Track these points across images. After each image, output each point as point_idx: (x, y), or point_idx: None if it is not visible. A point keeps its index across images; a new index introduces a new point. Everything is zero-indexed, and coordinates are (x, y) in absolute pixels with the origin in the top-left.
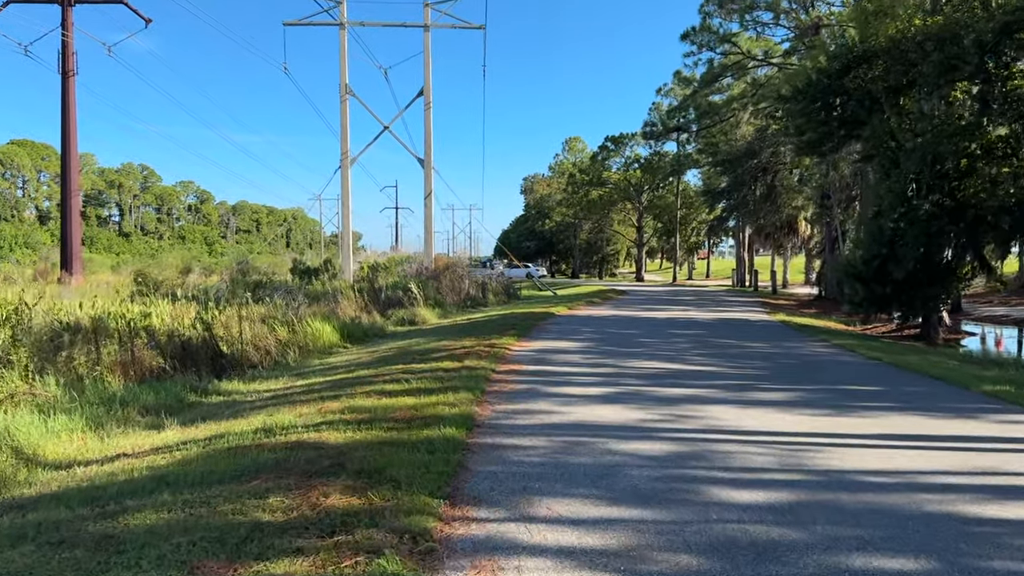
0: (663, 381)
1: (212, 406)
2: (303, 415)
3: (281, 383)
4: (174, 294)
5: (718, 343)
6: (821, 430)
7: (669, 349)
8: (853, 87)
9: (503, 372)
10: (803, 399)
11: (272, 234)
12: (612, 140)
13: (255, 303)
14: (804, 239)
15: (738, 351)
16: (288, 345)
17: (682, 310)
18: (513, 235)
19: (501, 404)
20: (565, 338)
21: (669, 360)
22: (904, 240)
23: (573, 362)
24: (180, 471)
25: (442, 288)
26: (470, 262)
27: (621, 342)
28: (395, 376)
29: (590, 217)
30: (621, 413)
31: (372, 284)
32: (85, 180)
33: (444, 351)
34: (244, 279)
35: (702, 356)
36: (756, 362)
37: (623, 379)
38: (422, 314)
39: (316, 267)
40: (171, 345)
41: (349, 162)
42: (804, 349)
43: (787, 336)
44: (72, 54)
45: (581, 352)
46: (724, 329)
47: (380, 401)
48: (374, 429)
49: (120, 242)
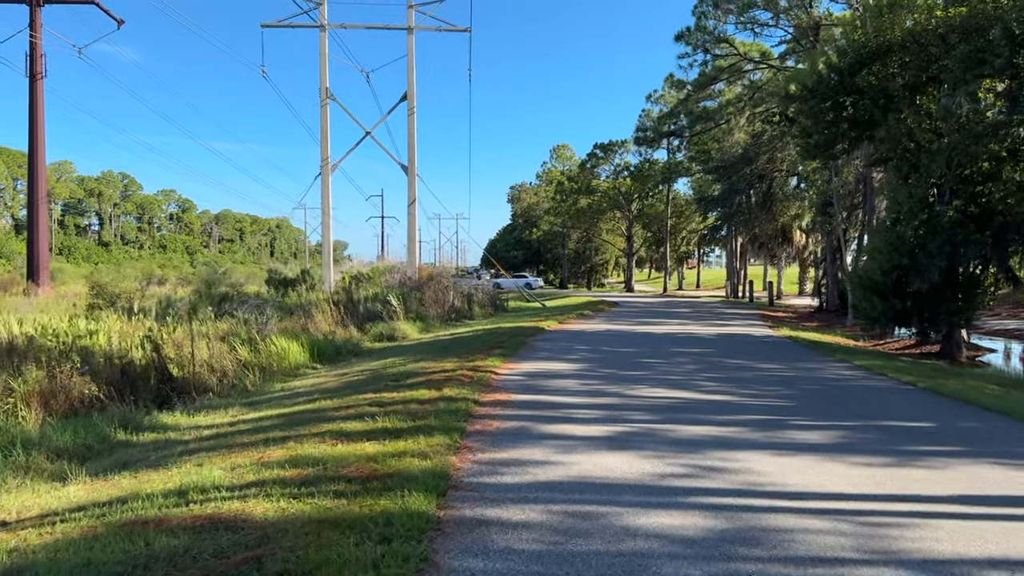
0: (677, 416)
1: (140, 447)
2: (236, 468)
3: (229, 415)
4: (130, 308)
5: (728, 364)
6: (889, 489)
7: (675, 372)
8: (866, 85)
9: (488, 404)
10: (847, 440)
11: (256, 243)
12: (601, 147)
13: (219, 318)
14: (799, 248)
15: (752, 374)
16: (249, 367)
17: (680, 324)
18: (500, 244)
19: (485, 451)
20: (558, 358)
21: (678, 386)
22: (927, 250)
23: (569, 389)
24: (49, 561)
25: (425, 300)
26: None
27: (621, 363)
28: (360, 410)
29: (579, 226)
30: (634, 464)
31: (350, 296)
32: (63, 188)
33: (421, 375)
34: (209, 291)
35: (714, 381)
36: (777, 389)
37: (630, 413)
38: (402, 329)
39: (293, 278)
40: (108, 370)
41: (330, 168)
42: (825, 371)
43: (800, 355)
44: (40, 56)
45: (577, 376)
46: (730, 346)
47: (335, 448)
48: (317, 496)
49: (99, 252)
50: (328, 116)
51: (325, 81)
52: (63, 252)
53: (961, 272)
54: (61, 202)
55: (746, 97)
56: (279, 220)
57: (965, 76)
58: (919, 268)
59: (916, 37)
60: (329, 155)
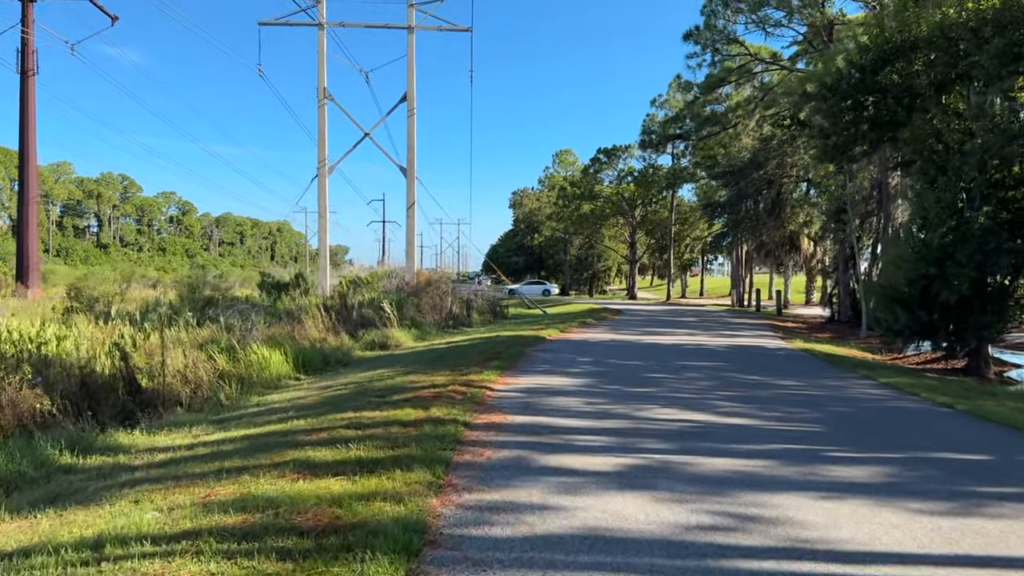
0: (695, 444)
1: (83, 474)
2: (174, 509)
3: (191, 435)
4: (107, 312)
5: (744, 380)
6: (965, 547)
7: (687, 389)
8: (889, 83)
9: (480, 427)
10: (898, 478)
11: (256, 247)
12: (605, 152)
13: (202, 324)
14: (807, 257)
15: (772, 393)
16: (226, 377)
17: (688, 334)
18: (502, 250)
19: (473, 490)
20: (559, 372)
21: (692, 407)
22: (956, 259)
23: (572, 409)
24: None
25: (422, 306)
26: (457, 278)
27: (628, 378)
28: (335, 433)
29: (581, 232)
30: (652, 511)
31: (344, 301)
32: (62, 189)
33: (409, 390)
34: (193, 295)
35: (731, 401)
36: (802, 411)
37: (641, 440)
38: (396, 336)
39: (287, 281)
40: (65, 381)
41: (327, 170)
42: (851, 390)
43: (820, 370)
44: (32, 52)
45: (581, 393)
46: (743, 360)
47: (294, 486)
48: (259, 556)
49: (97, 253)
50: (326, 117)
51: (323, 81)
52: (60, 254)
53: (991, 283)
54: (60, 203)
55: (756, 99)
56: (280, 223)
57: (1000, 72)
58: (947, 278)
59: (945, 32)
60: (327, 156)
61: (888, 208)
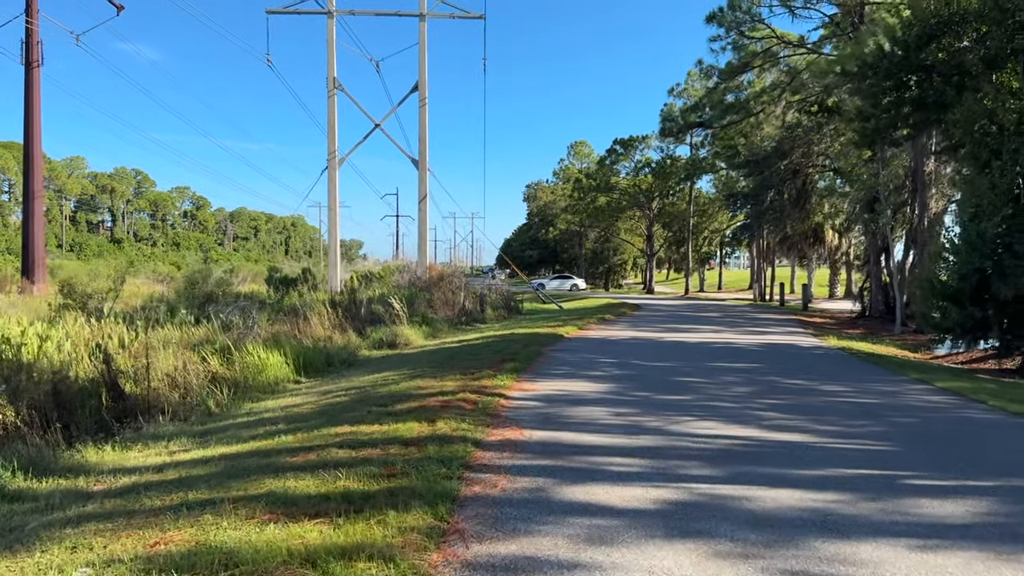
0: (747, 469)
1: (30, 504)
2: (111, 564)
3: (167, 452)
4: (100, 310)
5: (786, 385)
6: None
7: (725, 396)
8: (936, 60)
9: (493, 446)
10: (1004, 518)
11: (271, 241)
12: (621, 143)
13: (199, 322)
14: (831, 249)
15: (822, 400)
16: (219, 381)
17: (714, 331)
18: (516, 244)
19: (483, 540)
20: (581, 375)
21: (735, 419)
22: (1013, 250)
23: (598, 422)
24: None
25: (434, 301)
26: (471, 272)
27: (657, 383)
28: (324, 455)
29: (597, 225)
30: (715, 575)
31: (352, 297)
32: (75, 184)
33: (415, 398)
34: (192, 291)
35: (779, 412)
36: (863, 423)
37: (683, 464)
38: (405, 334)
39: (294, 277)
40: (35, 388)
41: (337, 162)
42: (907, 396)
43: (866, 373)
44: (37, 43)
45: (607, 402)
46: (779, 361)
47: (262, 533)
48: None
49: (111, 248)
50: (336, 107)
51: (332, 70)
52: (74, 249)
53: None
54: (74, 199)
55: (782, 84)
56: (294, 218)
57: None
58: (1004, 272)
59: (999, 3)
60: (337, 148)
61: (924, 197)
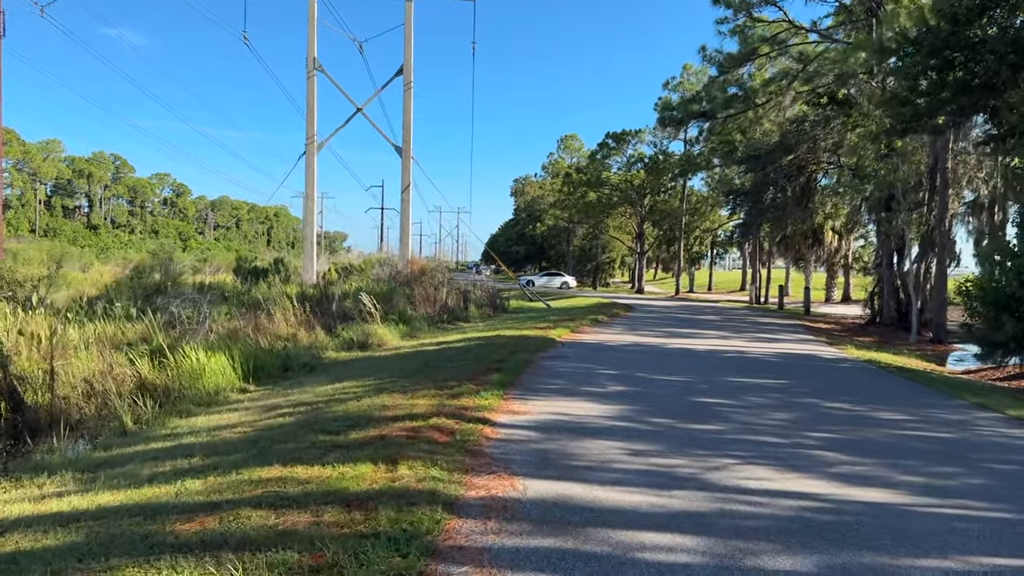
0: (847, 561)
1: None
2: None
3: (30, 500)
4: (29, 300)
5: (830, 411)
6: None
7: (765, 427)
8: (987, 37)
9: (474, 510)
10: None
11: (253, 231)
12: (613, 137)
13: (144, 316)
14: (830, 251)
15: (885, 435)
16: (149, 390)
17: (719, 337)
18: (502, 239)
19: None
20: (581, 392)
21: (789, 463)
22: None
23: (612, 466)
24: None
25: (415, 297)
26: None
27: (674, 405)
28: (231, 519)
29: (586, 221)
30: None
31: (324, 291)
32: (50, 168)
33: (376, 423)
34: (139, 281)
35: (840, 450)
36: (951, 471)
37: (749, 551)
38: (379, 334)
39: (265, 267)
40: None
41: (315, 147)
42: (981, 429)
43: (913, 394)
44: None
45: (619, 433)
46: (807, 376)
47: None
48: None
49: (87, 235)
50: (315, 89)
51: (313, 50)
52: (48, 234)
53: None
54: (50, 183)
55: (794, 72)
56: (277, 208)
57: None
58: None
59: None
60: (316, 133)
61: (945, 196)
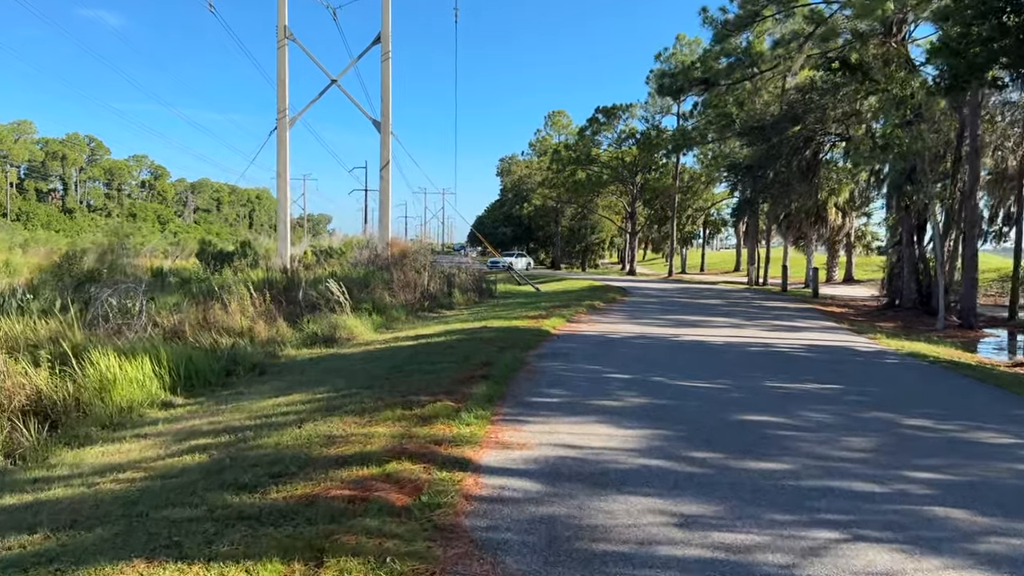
0: None
1: None
2: None
3: None
4: None
5: (915, 433)
6: None
7: (842, 461)
8: None
9: None
10: None
11: (234, 214)
12: (604, 111)
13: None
14: (833, 229)
15: (1012, 472)
16: (46, 406)
17: (734, 327)
18: (488, 220)
19: None
20: (590, 408)
21: (910, 534)
22: None
23: (653, 552)
24: None
25: (394, 282)
26: (441, 249)
27: (716, 427)
28: None
29: (575, 201)
30: None
31: (292, 277)
32: (22, 150)
33: (312, 468)
34: (69, 267)
35: (967, 506)
36: None
37: None
38: (348, 326)
39: (231, 251)
40: None
41: (287, 122)
42: None
43: (994, 400)
44: None
45: (656, 485)
46: (856, 377)
47: None
48: None
49: (61, 219)
50: (287, 60)
51: (283, 18)
52: (20, 218)
53: None
54: (23, 165)
55: (804, 33)
56: (259, 191)
57: None
58: None
59: None
60: (287, 106)
61: (976, 165)
